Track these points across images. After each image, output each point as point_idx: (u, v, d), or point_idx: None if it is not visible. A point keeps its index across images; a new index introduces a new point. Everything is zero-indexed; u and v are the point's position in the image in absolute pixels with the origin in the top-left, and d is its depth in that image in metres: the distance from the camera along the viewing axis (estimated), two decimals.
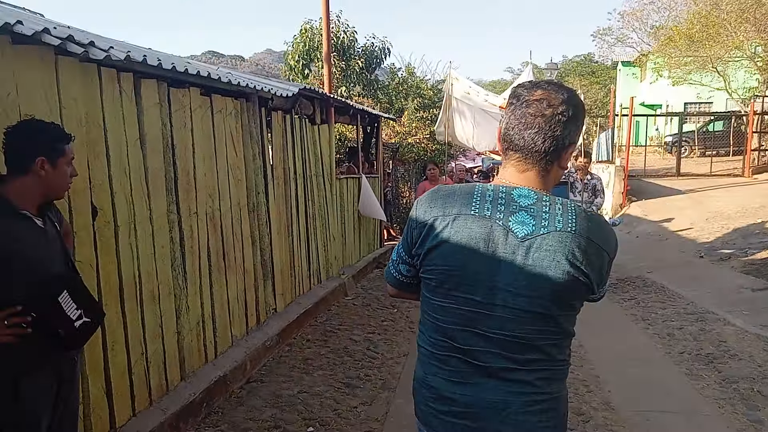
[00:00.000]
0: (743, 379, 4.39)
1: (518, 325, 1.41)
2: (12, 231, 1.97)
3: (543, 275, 1.37)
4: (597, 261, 1.41)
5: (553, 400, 1.47)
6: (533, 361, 1.43)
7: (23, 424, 2.02)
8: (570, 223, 1.39)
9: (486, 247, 1.40)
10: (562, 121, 1.41)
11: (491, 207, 1.42)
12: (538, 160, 1.44)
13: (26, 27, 2.33)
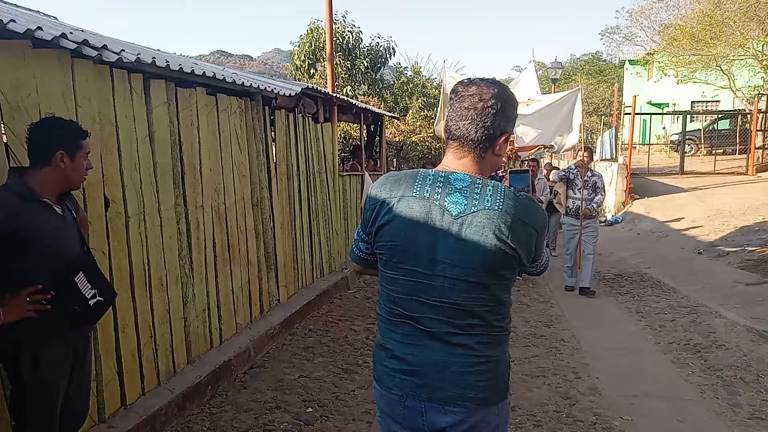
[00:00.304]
0: (727, 368, 4.56)
1: (456, 293, 1.59)
2: (35, 216, 2.19)
3: (474, 248, 1.56)
4: (524, 236, 1.59)
5: (491, 362, 1.64)
6: (472, 326, 1.61)
7: (42, 391, 2.24)
8: (498, 202, 1.57)
9: (425, 224, 1.59)
10: (492, 113, 1.58)
11: (430, 189, 1.61)
12: (473, 147, 1.62)
13: (46, 32, 2.54)
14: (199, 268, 4.10)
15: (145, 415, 3.29)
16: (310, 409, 3.79)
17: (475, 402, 1.62)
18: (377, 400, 1.78)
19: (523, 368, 4.60)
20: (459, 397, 1.61)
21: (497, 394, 1.66)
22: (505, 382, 1.70)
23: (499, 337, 1.67)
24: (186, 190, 3.91)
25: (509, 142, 1.77)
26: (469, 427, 1.63)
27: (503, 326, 1.68)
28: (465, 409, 1.61)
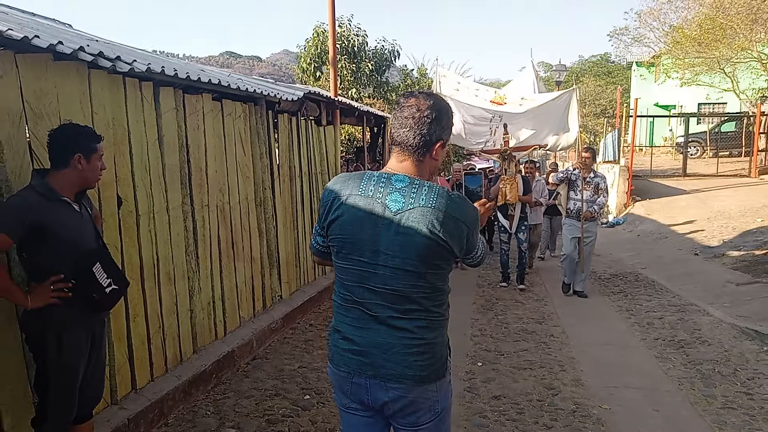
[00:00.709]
0: (707, 362, 4.77)
1: (396, 281, 1.79)
2: (56, 213, 2.45)
3: (410, 240, 1.76)
4: (455, 230, 1.80)
5: (430, 344, 1.84)
6: (411, 311, 1.82)
7: (64, 371, 2.50)
8: (431, 201, 1.77)
9: (369, 219, 1.79)
10: (428, 122, 1.80)
11: (374, 188, 1.82)
12: (412, 152, 1.84)
13: (65, 46, 2.80)
14: (204, 263, 4.36)
15: (154, 399, 3.55)
16: (308, 396, 4.04)
17: (413, 380, 1.82)
18: (330, 377, 1.99)
19: (512, 361, 4.83)
20: (399, 375, 1.81)
21: (435, 373, 1.86)
22: (443, 362, 1.90)
23: (437, 321, 1.87)
24: (193, 190, 4.18)
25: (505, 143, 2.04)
26: (407, 402, 1.84)
27: (441, 312, 1.89)
28: (404, 386, 1.82)
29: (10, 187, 2.63)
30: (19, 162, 2.70)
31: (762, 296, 6.66)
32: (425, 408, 1.86)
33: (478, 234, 1.98)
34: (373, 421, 1.96)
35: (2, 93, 2.61)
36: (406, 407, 1.85)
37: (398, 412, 1.87)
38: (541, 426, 3.65)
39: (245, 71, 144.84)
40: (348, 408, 1.96)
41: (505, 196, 7.50)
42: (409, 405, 1.84)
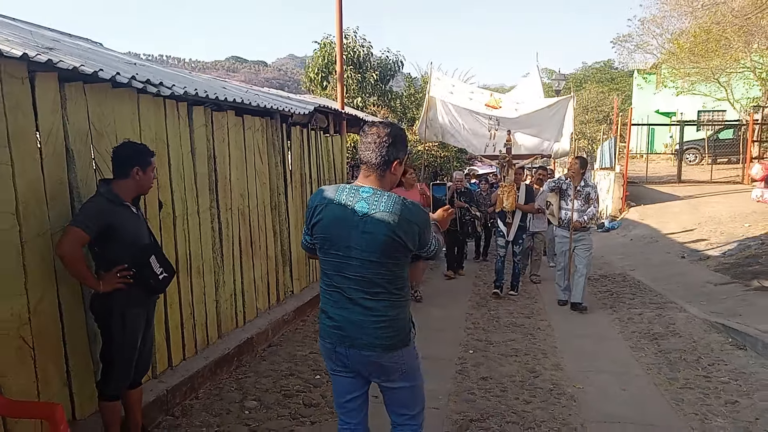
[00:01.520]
0: (675, 351, 5.32)
1: (365, 269, 2.28)
2: (120, 215, 3.03)
3: (373, 238, 2.24)
4: (409, 230, 2.27)
5: (393, 320, 2.34)
6: (378, 293, 2.30)
7: (127, 342, 3.08)
8: (389, 207, 2.25)
9: (342, 221, 2.28)
10: (386, 145, 2.29)
11: (346, 198, 2.30)
12: (375, 169, 2.32)
13: (122, 77, 3.40)
14: (227, 259, 4.95)
15: (186, 375, 4.13)
16: (318, 376, 4.62)
17: (382, 348, 2.32)
18: (320, 349, 2.50)
19: (500, 349, 5.40)
20: (371, 344, 2.32)
21: (400, 342, 2.37)
22: (407, 333, 2.41)
23: (399, 302, 2.37)
24: (219, 195, 4.77)
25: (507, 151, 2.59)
26: (379, 365, 2.36)
27: (402, 294, 2.38)
28: (375, 353, 2.33)
29: (80, 194, 3.23)
30: (86, 172, 3.29)
31: (736, 295, 7.19)
32: (394, 369, 2.39)
33: (431, 233, 2.44)
34: (355, 381, 2.48)
35: (74, 117, 3.21)
36: (378, 369, 2.38)
37: (373, 373, 2.41)
38: (521, 401, 4.21)
39: (251, 76, 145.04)
40: (335, 371, 2.49)
41: (502, 203, 7.54)
42: (380, 367, 2.37)
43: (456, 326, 6.17)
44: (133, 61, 5.37)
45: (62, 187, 3.15)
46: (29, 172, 2.92)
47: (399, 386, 2.46)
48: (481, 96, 8.89)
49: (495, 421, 3.86)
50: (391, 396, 2.52)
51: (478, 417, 3.92)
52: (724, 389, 4.42)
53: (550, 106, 8.93)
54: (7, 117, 2.77)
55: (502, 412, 4.01)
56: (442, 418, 3.91)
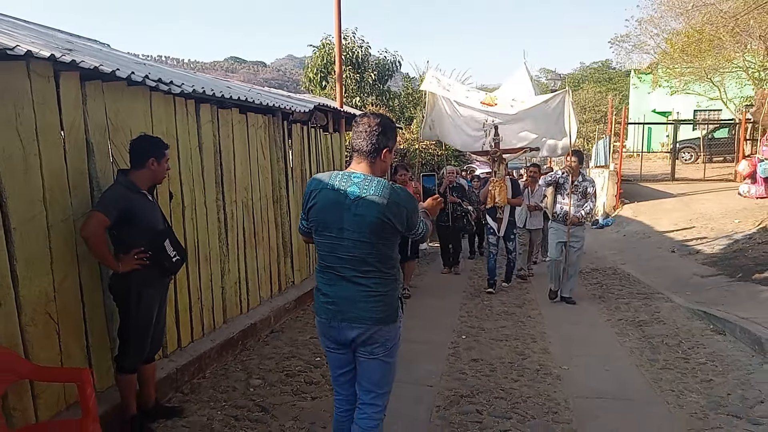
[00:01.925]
0: (658, 336, 5.60)
1: (356, 249, 2.45)
2: (137, 202, 3.30)
3: (364, 220, 2.41)
4: (396, 212, 2.43)
5: (383, 296, 2.51)
6: (368, 271, 2.48)
7: (143, 320, 3.35)
8: (379, 191, 2.41)
9: (335, 205, 2.45)
10: (376, 134, 2.47)
11: (339, 183, 2.47)
12: (366, 156, 2.50)
13: (137, 75, 3.66)
14: (233, 249, 5.22)
15: (194, 356, 4.40)
16: (318, 357, 4.88)
17: (371, 321, 2.51)
18: (317, 326, 2.69)
19: (491, 335, 5.67)
20: (361, 318, 2.50)
21: (388, 318, 2.55)
22: (395, 310, 2.59)
23: (388, 279, 2.55)
24: (224, 188, 5.04)
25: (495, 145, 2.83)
26: (368, 337, 2.53)
27: (392, 273, 2.57)
28: (365, 326, 2.51)
29: (98, 183, 3.50)
30: (104, 163, 3.56)
31: (720, 286, 7.47)
32: (380, 342, 2.57)
33: (418, 216, 2.62)
34: (346, 356, 2.67)
35: (93, 112, 3.48)
36: (366, 340, 2.54)
37: (360, 345, 2.56)
38: (509, 380, 4.48)
39: (249, 76, 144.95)
40: (329, 348, 2.69)
41: (494, 199, 7.56)
42: (368, 339, 2.54)
43: (450, 314, 6.45)
44: (143, 61, 5.64)
45: (83, 176, 3.42)
46: (54, 163, 3.19)
47: (378, 360, 2.61)
48: (477, 95, 8.78)
49: (484, 397, 4.13)
50: (367, 368, 2.64)
51: (468, 393, 4.19)
52: (701, 369, 4.70)
53: (546, 102, 8.67)
54: (35, 112, 3.04)
55: (491, 389, 4.29)
56: (435, 394, 4.18)
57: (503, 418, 3.79)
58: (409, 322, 3.05)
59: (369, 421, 2.64)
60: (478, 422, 3.72)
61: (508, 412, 3.87)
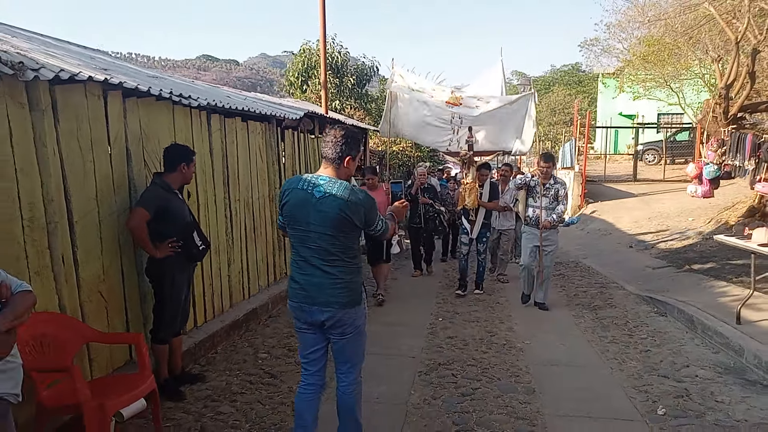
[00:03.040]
0: (609, 318, 6.42)
1: (321, 241, 2.79)
2: (171, 200, 3.96)
3: (327, 215, 2.76)
4: (355, 209, 2.79)
5: (348, 282, 2.87)
6: (333, 260, 2.82)
7: (175, 297, 4.01)
8: (341, 191, 2.77)
9: (304, 203, 2.79)
10: (340, 144, 2.84)
11: (307, 184, 2.82)
12: (331, 162, 2.86)
13: (165, 92, 4.32)
14: (236, 242, 5.88)
15: (208, 333, 5.06)
16: None
17: (338, 305, 2.86)
18: (290, 309, 3.02)
19: (464, 317, 6.43)
20: (329, 302, 2.85)
21: (353, 301, 2.91)
22: (358, 294, 2.95)
23: (352, 268, 2.91)
24: (230, 188, 5.70)
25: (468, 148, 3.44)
26: (336, 320, 2.89)
27: (354, 262, 2.93)
28: (333, 309, 2.86)
29: (135, 184, 4.14)
30: (139, 167, 4.22)
31: (668, 276, 8.37)
32: (348, 323, 2.93)
33: (376, 214, 2.95)
34: (316, 336, 3.01)
35: (131, 124, 4.13)
36: (336, 323, 2.90)
37: (331, 327, 2.91)
38: (479, 352, 5.24)
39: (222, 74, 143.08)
40: (302, 329, 3.02)
41: (464, 201, 7.43)
42: (337, 321, 2.89)
43: (428, 301, 7.20)
44: (155, 74, 6.26)
45: (124, 178, 4.07)
46: (103, 167, 3.84)
47: (348, 339, 2.98)
48: (442, 93, 8.39)
49: (457, 365, 4.88)
50: (341, 347, 3.01)
51: (444, 362, 4.94)
52: (641, 343, 5.52)
53: (511, 103, 8.48)
54: (90, 126, 3.69)
55: (464, 359, 5.04)
56: (416, 363, 4.92)
57: (474, 380, 4.55)
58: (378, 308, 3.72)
59: (349, 386, 3.08)
60: (454, 383, 4.48)
61: (479, 376, 4.63)
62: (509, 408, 4.02)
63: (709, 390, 4.31)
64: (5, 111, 3.02)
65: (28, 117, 3.19)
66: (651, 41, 18.57)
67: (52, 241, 3.37)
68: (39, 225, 3.27)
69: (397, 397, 4.20)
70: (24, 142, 3.15)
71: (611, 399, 4.21)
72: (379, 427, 3.71)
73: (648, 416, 3.90)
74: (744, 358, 4.83)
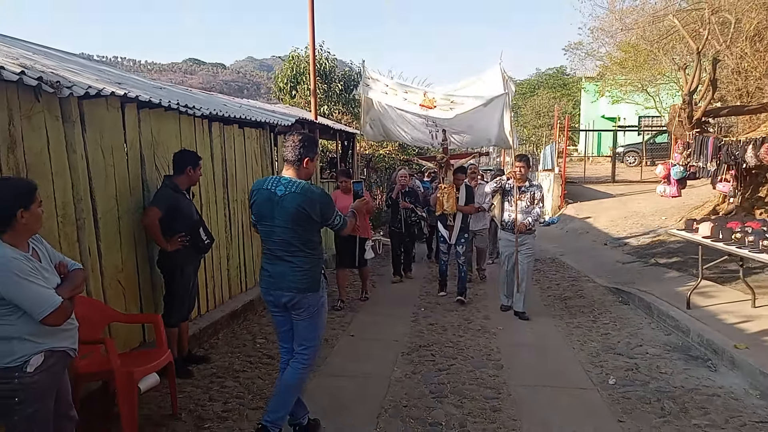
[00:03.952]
0: (576, 306, 7.02)
1: (284, 234, 3.18)
2: (180, 200, 4.48)
3: (287, 211, 3.14)
4: (311, 205, 3.15)
5: (307, 271, 3.26)
6: (294, 251, 3.22)
7: (184, 286, 4.53)
8: (299, 189, 3.13)
9: (269, 201, 3.18)
10: (299, 147, 3.20)
11: (271, 184, 3.20)
12: (292, 164, 3.23)
13: (173, 102, 4.84)
14: (234, 239, 6.41)
15: (210, 321, 5.58)
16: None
17: (298, 290, 3.27)
18: (262, 294, 3.47)
19: (445, 308, 6.99)
20: (290, 287, 3.26)
21: (311, 287, 3.30)
22: (316, 282, 3.33)
23: (311, 258, 3.30)
24: (229, 190, 6.23)
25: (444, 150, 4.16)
26: (296, 302, 3.29)
27: (314, 253, 3.32)
28: (293, 293, 3.27)
29: (148, 185, 4.67)
30: (151, 170, 4.74)
31: (636, 270, 8.98)
32: (304, 307, 3.33)
33: (332, 210, 3.32)
34: (285, 318, 3.44)
35: (144, 132, 4.65)
36: (295, 305, 3.31)
37: (292, 307, 3.34)
38: (457, 336, 5.80)
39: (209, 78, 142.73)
40: (273, 312, 3.46)
41: (442, 206, 7.20)
42: (296, 303, 3.31)
43: (413, 294, 7.76)
44: (160, 85, 6.78)
45: (138, 180, 4.59)
46: (121, 171, 4.36)
47: (304, 320, 3.38)
48: (415, 96, 8.15)
49: (437, 347, 5.44)
50: (298, 327, 3.41)
51: (425, 344, 5.50)
52: (603, 327, 6.12)
53: (485, 104, 8.17)
54: (111, 134, 4.21)
55: (443, 342, 5.60)
56: (400, 346, 5.48)
57: (450, 358, 5.11)
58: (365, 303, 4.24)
59: (298, 364, 3.43)
60: (432, 361, 5.04)
61: (455, 355, 5.20)
62: (479, 380, 4.59)
63: (656, 364, 4.91)
64: (44, 123, 3.54)
65: (62, 128, 3.71)
66: (627, 47, 19.32)
67: (81, 235, 3.89)
68: (70, 221, 3.79)
69: (381, 373, 4.75)
70: (58, 149, 3.67)
71: (570, 373, 4.79)
72: (366, 395, 4.27)
73: (600, 385, 4.48)
74: (690, 338, 5.44)
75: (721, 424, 3.78)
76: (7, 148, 3.26)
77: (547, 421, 3.88)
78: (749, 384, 4.36)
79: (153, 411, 3.96)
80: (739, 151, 9.22)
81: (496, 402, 4.16)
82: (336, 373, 4.79)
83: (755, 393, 4.23)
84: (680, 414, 3.93)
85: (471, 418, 3.90)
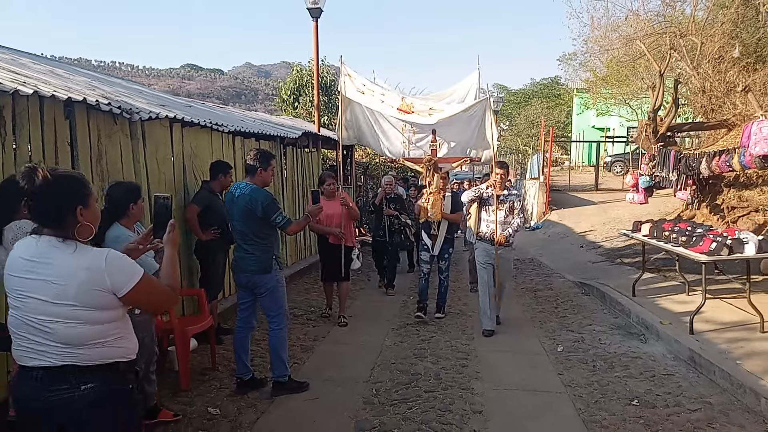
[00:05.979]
0: (545, 297, 8.14)
1: (240, 227, 4.15)
2: (214, 200, 5.58)
3: (240, 208, 4.10)
4: (255, 204, 4.04)
5: (258, 257, 4.15)
6: (248, 240, 4.16)
7: (217, 273, 5.64)
8: (248, 191, 4.08)
9: (231, 201, 4.19)
10: (254, 159, 4.17)
11: (236, 189, 4.19)
12: (249, 172, 4.22)
13: (206, 120, 5.96)
14: None
15: (233, 302, 6.67)
16: (312, 308, 7.22)
17: (252, 272, 4.16)
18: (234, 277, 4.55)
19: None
20: (247, 269, 4.17)
21: (263, 269, 4.16)
22: (269, 265, 4.18)
23: (264, 246, 4.15)
24: None
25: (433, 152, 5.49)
26: (253, 282, 4.20)
27: (264, 242, 4.16)
28: (249, 274, 4.18)
29: (188, 189, 5.78)
30: (190, 177, 5.86)
31: (602, 268, 10.10)
32: (260, 285, 4.21)
33: (275, 209, 4.09)
34: (245, 293, 4.36)
35: (186, 146, 5.78)
36: (253, 283, 4.22)
37: (251, 285, 4.24)
38: (438, 321, 6.91)
39: (207, 84, 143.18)
40: (239, 288, 4.45)
41: (426, 212, 6.73)
42: (254, 283, 4.21)
43: (402, 294, 8.87)
44: (189, 103, 7.91)
45: (181, 185, 5.71)
46: (169, 177, 5.48)
47: (264, 296, 4.27)
48: (393, 99, 7.69)
49: (421, 325, 6.54)
50: (263, 302, 4.32)
51: (411, 323, 6.61)
52: (562, 312, 7.23)
53: (466, 110, 7.78)
54: (163, 148, 5.33)
55: (425, 321, 6.71)
56: (390, 324, 6.58)
57: (432, 332, 6.25)
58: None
59: (273, 331, 4.38)
60: (417, 334, 6.17)
61: (435, 330, 6.33)
62: (453, 347, 5.71)
63: (598, 338, 6.03)
64: (119, 140, 4.67)
65: (130, 144, 4.84)
66: (609, 64, 20.54)
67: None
68: None
69: (375, 343, 5.86)
70: (129, 161, 4.79)
71: (528, 343, 5.91)
72: (362, 356, 5.39)
73: (550, 352, 5.60)
74: (631, 318, 6.57)
75: (636, 375, 4.90)
76: (96, 159, 4.38)
77: (503, 373, 5.00)
78: (667, 350, 5.49)
79: (195, 366, 5.06)
80: (696, 163, 10.39)
81: (465, 361, 5.28)
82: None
83: (670, 356, 5.35)
84: (607, 369, 5.05)
85: (444, 371, 5.02)
